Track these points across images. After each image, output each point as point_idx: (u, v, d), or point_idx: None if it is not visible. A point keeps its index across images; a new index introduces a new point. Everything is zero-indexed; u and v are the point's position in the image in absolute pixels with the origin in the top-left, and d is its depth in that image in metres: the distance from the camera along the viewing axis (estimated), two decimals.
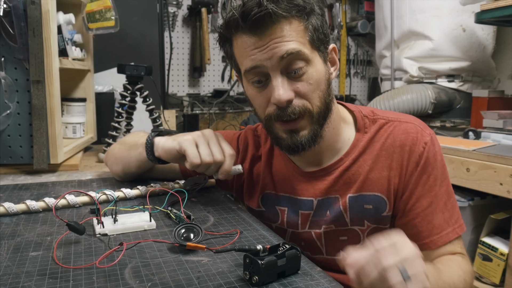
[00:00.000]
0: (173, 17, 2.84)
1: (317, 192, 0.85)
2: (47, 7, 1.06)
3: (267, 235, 0.70)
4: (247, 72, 0.75)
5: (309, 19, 0.74)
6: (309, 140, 0.77)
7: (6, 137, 1.10)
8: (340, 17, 3.35)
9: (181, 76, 2.94)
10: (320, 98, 0.76)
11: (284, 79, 0.73)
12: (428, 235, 0.79)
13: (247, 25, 0.71)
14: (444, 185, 0.81)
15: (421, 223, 0.79)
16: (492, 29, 2.34)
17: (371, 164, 0.81)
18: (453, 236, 0.79)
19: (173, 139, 0.84)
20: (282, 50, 0.71)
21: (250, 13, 0.69)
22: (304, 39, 0.73)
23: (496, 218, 1.55)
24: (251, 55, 0.73)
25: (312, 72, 0.74)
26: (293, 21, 0.72)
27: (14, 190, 0.94)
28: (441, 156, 0.82)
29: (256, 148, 0.95)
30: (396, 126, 0.82)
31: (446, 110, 2.34)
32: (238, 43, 0.75)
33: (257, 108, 0.79)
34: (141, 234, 0.69)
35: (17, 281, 0.52)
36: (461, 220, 0.81)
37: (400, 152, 0.80)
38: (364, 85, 3.58)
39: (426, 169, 0.80)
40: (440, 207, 0.79)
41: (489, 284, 1.55)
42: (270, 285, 0.53)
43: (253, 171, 0.94)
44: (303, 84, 0.74)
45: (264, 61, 0.72)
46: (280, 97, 0.72)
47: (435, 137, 0.83)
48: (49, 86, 1.09)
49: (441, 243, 0.79)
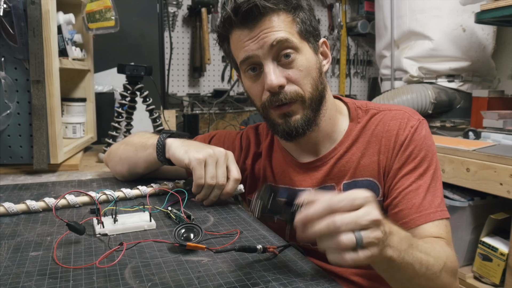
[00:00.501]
0: (173, 17, 2.83)
1: (314, 181, 0.88)
2: (47, 7, 1.06)
3: (267, 235, 0.70)
4: (241, 63, 0.81)
5: (296, 12, 0.79)
6: (302, 124, 0.80)
7: (6, 137, 1.10)
8: (340, 17, 3.35)
9: (181, 76, 2.94)
10: (311, 84, 0.80)
11: (276, 66, 0.78)
12: (408, 214, 0.78)
13: (238, 18, 0.77)
14: (431, 169, 0.81)
15: (401, 201, 0.79)
16: (492, 29, 2.34)
17: (363, 151, 0.84)
18: (435, 217, 0.77)
19: (185, 150, 0.85)
20: (271, 39, 0.76)
21: (240, 7, 0.76)
22: (292, 30, 0.78)
23: (496, 218, 1.55)
24: (245, 46, 0.79)
25: (302, 60, 0.79)
26: (281, 13, 0.78)
27: (14, 190, 0.94)
28: (430, 141, 0.83)
29: (257, 145, 0.99)
30: (386, 114, 0.86)
31: (446, 110, 2.34)
32: (233, 39, 0.81)
33: (254, 98, 0.84)
34: (141, 234, 0.69)
35: (17, 281, 0.52)
36: (444, 207, 0.80)
37: (388, 137, 0.83)
38: (364, 85, 3.58)
39: (412, 151, 0.81)
40: (423, 189, 0.79)
41: (489, 284, 1.55)
42: (270, 285, 0.53)
43: (255, 167, 0.97)
44: (294, 71, 0.79)
45: (256, 51, 0.78)
46: (272, 82, 0.77)
47: (425, 123, 0.84)
48: (49, 86, 1.09)
49: (421, 221, 0.77)
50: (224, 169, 0.84)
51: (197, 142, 0.90)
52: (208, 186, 0.82)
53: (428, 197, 0.79)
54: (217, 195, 0.84)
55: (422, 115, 0.89)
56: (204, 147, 0.85)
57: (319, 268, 0.59)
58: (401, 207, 0.79)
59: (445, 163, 1.61)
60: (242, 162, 0.99)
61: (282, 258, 0.61)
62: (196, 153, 0.83)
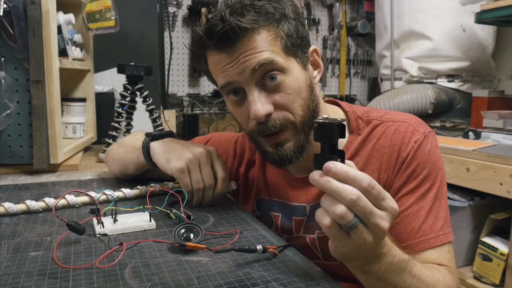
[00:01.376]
0: (173, 17, 2.84)
1: (309, 198, 0.83)
2: (47, 7, 1.06)
3: (267, 235, 0.70)
4: (222, 89, 0.73)
5: (280, 25, 0.70)
6: (295, 152, 0.73)
7: (6, 137, 1.10)
8: (340, 17, 3.35)
9: (181, 76, 2.94)
10: (302, 106, 0.72)
11: (261, 92, 0.70)
12: (406, 239, 0.73)
13: (212, 43, 0.69)
14: (434, 188, 0.75)
15: (400, 224, 0.74)
16: (492, 29, 2.34)
17: (362, 166, 0.78)
18: (435, 243, 0.72)
19: (167, 159, 0.82)
20: (253, 63, 0.68)
21: (214, 30, 0.67)
22: (276, 48, 0.69)
23: (496, 218, 1.55)
24: (224, 71, 0.70)
25: (289, 81, 0.70)
26: (261, 31, 0.68)
27: (14, 190, 0.94)
28: (435, 157, 0.76)
29: (252, 152, 0.94)
30: (389, 127, 0.79)
31: (446, 110, 2.34)
32: (210, 60, 0.73)
33: (241, 123, 0.77)
34: (141, 234, 0.69)
35: (17, 281, 0.52)
36: (447, 228, 0.74)
37: (390, 153, 0.77)
38: (364, 85, 3.58)
39: (414, 169, 0.75)
40: (424, 211, 0.73)
41: (489, 284, 1.55)
42: (270, 285, 0.53)
43: (248, 175, 0.93)
44: (281, 95, 0.70)
45: (237, 76, 0.69)
46: (257, 112, 0.69)
47: (431, 136, 0.78)
48: (49, 86, 1.09)
49: (419, 248, 0.72)
50: (208, 169, 0.81)
51: (178, 145, 0.84)
52: (197, 191, 0.81)
53: (429, 220, 0.73)
54: (210, 196, 0.82)
55: (422, 115, 0.85)
56: (184, 152, 0.81)
57: (319, 268, 0.59)
58: (399, 230, 0.74)
59: (445, 163, 1.61)
60: (236, 170, 0.95)
61: (282, 258, 0.61)
62: (176, 161, 0.80)
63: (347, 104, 0.86)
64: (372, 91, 3.51)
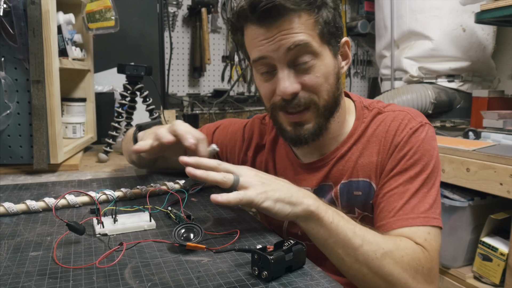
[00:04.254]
0: (173, 17, 2.84)
1: (314, 182, 0.86)
2: (47, 7, 1.06)
3: (267, 235, 0.70)
4: (254, 62, 0.77)
5: (320, 12, 0.73)
6: (312, 133, 0.78)
7: (6, 137, 1.10)
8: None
9: (181, 76, 2.94)
10: (328, 91, 0.76)
11: (291, 71, 0.73)
12: (386, 217, 0.75)
13: (255, 16, 0.71)
14: (424, 174, 0.76)
15: (383, 203, 0.76)
16: (492, 29, 2.34)
17: (361, 150, 0.82)
18: (413, 223, 0.72)
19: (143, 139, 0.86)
20: (289, 42, 0.71)
21: (258, 4, 0.69)
22: (313, 32, 0.72)
23: (496, 218, 1.55)
24: (259, 45, 0.73)
25: (320, 66, 0.74)
26: (303, 14, 0.71)
27: (14, 190, 0.94)
28: (430, 146, 0.78)
29: (261, 136, 0.96)
30: (389, 115, 0.83)
31: (446, 110, 2.34)
32: (247, 33, 0.76)
33: (263, 96, 0.80)
34: (141, 234, 0.69)
35: (17, 281, 0.52)
36: (432, 214, 0.74)
37: (386, 137, 0.80)
38: (364, 85, 3.58)
39: (406, 152, 0.77)
40: (409, 193, 0.75)
41: (489, 284, 1.55)
42: (270, 285, 0.53)
43: (256, 159, 0.97)
44: (310, 76, 0.74)
45: (271, 52, 0.72)
46: (285, 89, 0.73)
47: (428, 127, 0.81)
48: (49, 86, 1.09)
49: (396, 225, 0.73)
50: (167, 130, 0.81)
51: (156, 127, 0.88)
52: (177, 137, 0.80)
53: (412, 201, 0.74)
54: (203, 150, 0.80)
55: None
56: (149, 135, 0.85)
57: (319, 268, 0.59)
58: (382, 209, 0.76)
59: (445, 163, 1.61)
60: (244, 154, 0.98)
61: None
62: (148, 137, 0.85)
63: (355, 95, 0.91)
64: (372, 91, 3.51)
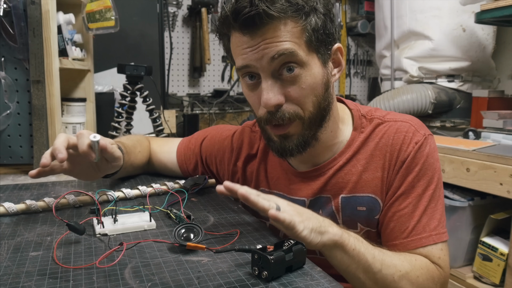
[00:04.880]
0: (173, 17, 2.83)
1: (310, 192, 0.83)
2: (47, 7, 1.06)
3: (267, 235, 0.70)
4: (239, 71, 0.74)
5: (308, 19, 0.69)
6: (297, 146, 0.74)
7: (6, 137, 1.10)
8: (340, 17, 3.35)
9: (181, 76, 2.94)
10: (313, 103, 0.72)
11: (275, 82, 0.70)
12: (399, 237, 0.75)
13: (237, 24, 0.68)
14: (430, 189, 0.76)
15: (394, 223, 0.76)
16: (492, 29, 2.34)
17: (365, 164, 0.79)
18: (427, 242, 0.74)
19: None
20: (273, 51, 0.67)
21: (241, 12, 0.66)
22: (300, 40, 0.69)
23: (496, 218, 1.55)
24: (243, 54, 0.70)
25: (306, 76, 0.70)
26: (289, 22, 0.67)
27: (14, 190, 0.94)
28: (433, 159, 0.78)
29: (251, 146, 0.93)
30: (391, 126, 0.80)
31: (446, 110, 2.34)
32: (232, 40, 0.73)
33: (252, 106, 0.78)
34: (141, 234, 0.69)
35: (17, 281, 0.52)
36: (442, 229, 0.76)
37: (391, 151, 0.78)
38: (364, 85, 3.58)
39: (412, 169, 0.76)
40: (419, 211, 0.75)
41: (489, 284, 1.54)
42: (270, 285, 0.53)
43: (247, 169, 0.93)
44: (295, 88, 0.70)
45: (255, 61, 0.69)
46: (268, 101, 0.69)
47: (431, 138, 0.79)
48: (49, 86, 1.09)
49: (411, 247, 0.74)
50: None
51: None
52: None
53: (423, 220, 0.75)
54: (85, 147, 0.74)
55: (422, 115, 0.87)
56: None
57: (319, 268, 0.59)
58: (394, 229, 0.76)
59: (445, 163, 1.61)
60: (233, 164, 0.94)
61: None
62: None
63: (352, 102, 0.87)
64: (372, 91, 3.51)
